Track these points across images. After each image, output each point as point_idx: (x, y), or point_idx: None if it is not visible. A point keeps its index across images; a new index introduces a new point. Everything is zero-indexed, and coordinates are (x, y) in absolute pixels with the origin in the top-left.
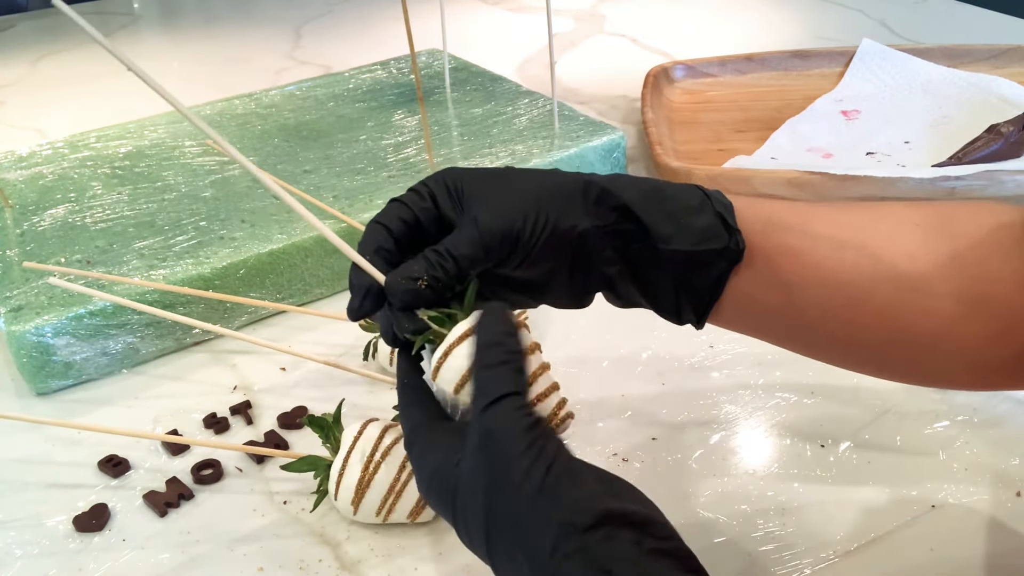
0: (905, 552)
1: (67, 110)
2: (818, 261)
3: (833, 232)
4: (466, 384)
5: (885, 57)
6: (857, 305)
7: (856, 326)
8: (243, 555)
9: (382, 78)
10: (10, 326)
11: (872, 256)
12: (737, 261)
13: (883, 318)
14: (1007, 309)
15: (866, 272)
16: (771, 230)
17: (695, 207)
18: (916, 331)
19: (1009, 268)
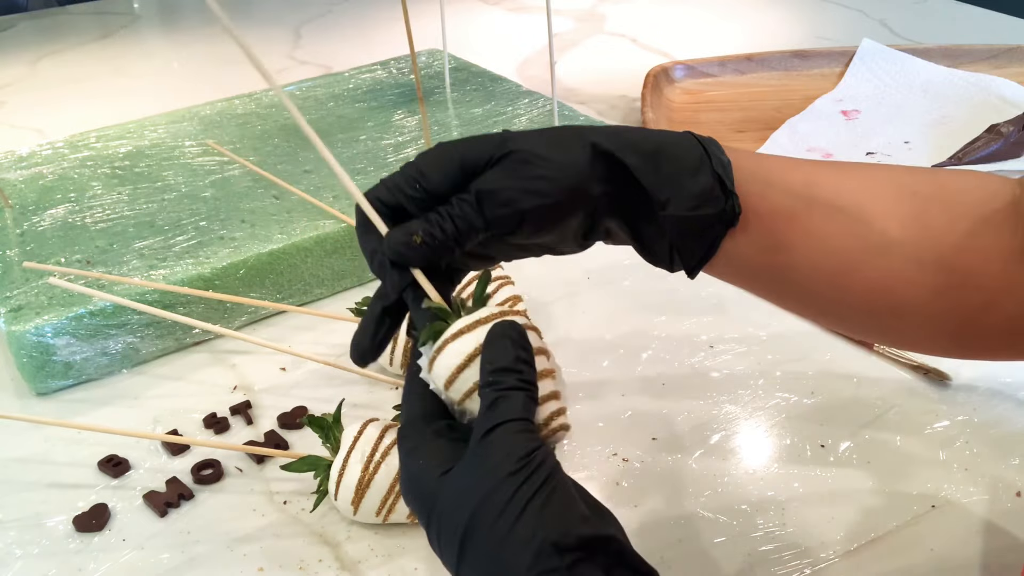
0: (905, 552)
1: (67, 110)
2: (812, 227)
3: (830, 196)
4: (455, 381)
5: (885, 57)
6: (846, 273)
7: (844, 291)
8: (243, 555)
9: (382, 78)
10: (10, 326)
11: (865, 224)
12: (732, 225)
13: (871, 286)
14: (993, 283)
15: (858, 240)
16: (769, 191)
17: (694, 167)
18: (902, 300)
19: (998, 243)
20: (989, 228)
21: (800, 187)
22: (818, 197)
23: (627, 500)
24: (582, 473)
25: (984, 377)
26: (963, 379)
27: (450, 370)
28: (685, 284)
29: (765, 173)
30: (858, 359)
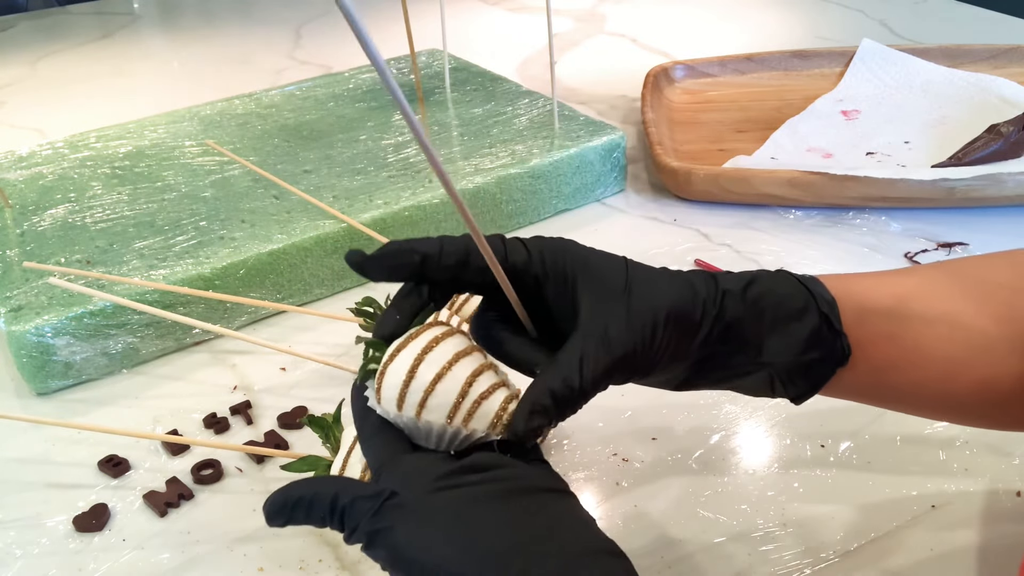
0: (905, 552)
1: (67, 110)
2: (912, 343)
3: (923, 309)
4: (405, 399)
5: (885, 57)
6: (952, 378)
7: (952, 395)
8: (243, 555)
9: None
10: (10, 326)
11: (963, 328)
12: (842, 365)
13: (977, 387)
14: None
15: (959, 346)
16: (866, 318)
17: (799, 310)
18: (1010, 392)
19: None
20: None
21: (893, 305)
22: (912, 312)
23: (627, 500)
24: (582, 473)
25: None
26: None
27: (396, 389)
28: None
29: (859, 301)
30: None
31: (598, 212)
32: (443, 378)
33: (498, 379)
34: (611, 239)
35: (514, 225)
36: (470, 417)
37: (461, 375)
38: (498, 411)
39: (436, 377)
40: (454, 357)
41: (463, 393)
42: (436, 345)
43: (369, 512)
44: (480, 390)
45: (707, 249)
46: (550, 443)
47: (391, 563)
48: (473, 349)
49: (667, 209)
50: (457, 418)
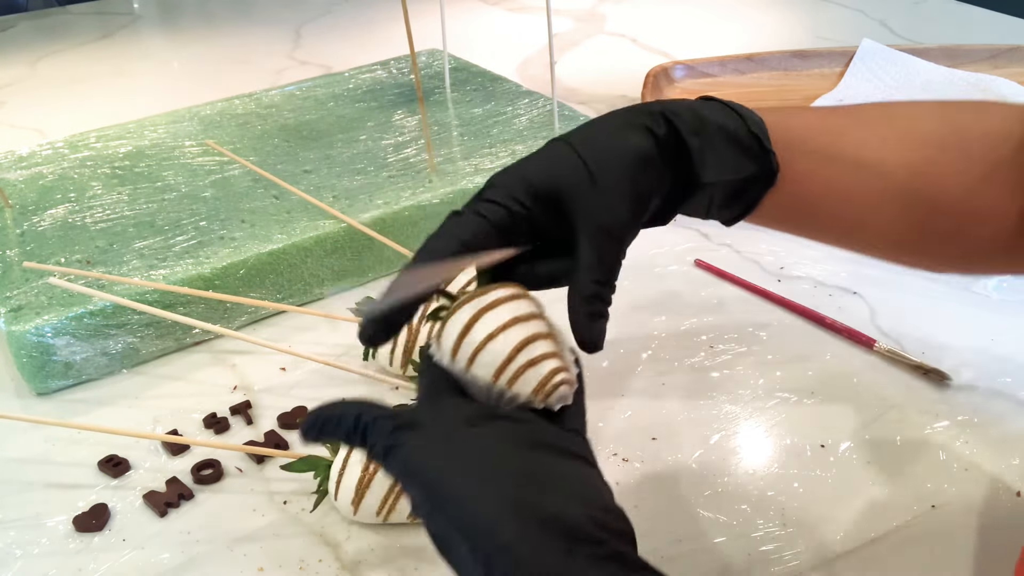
0: (905, 552)
1: (67, 110)
2: (832, 183)
3: (853, 153)
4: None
5: (885, 57)
6: (863, 220)
7: (862, 233)
8: (243, 555)
9: (382, 78)
10: (10, 326)
11: (882, 176)
12: (771, 183)
13: (888, 230)
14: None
15: (874, 193)
16: (797, 154)
17: (732, 133)
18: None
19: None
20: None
21: (824, 144)
22: (840, 154)
23: (627, 500)
24: None
25: (984, 377)
26: (963, 379)
27: (452, 339)
28: (685, 284)
29: (795, 133)
30: (858, 359)
31: None
32: (495, 338)
33: (552, 349)
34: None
35: None
36: (515, 379)
37: (514, 338)
38: (543, 379)
39: (488, 336)
40: (511, 320)
41: (511, 357)
42: (498, 305)
43: (388, 429)
44: (530, 356)
45: (707, 249)
46: None
47: (404, 475)
48: (535, 316)
49: None
50: (503, 378)
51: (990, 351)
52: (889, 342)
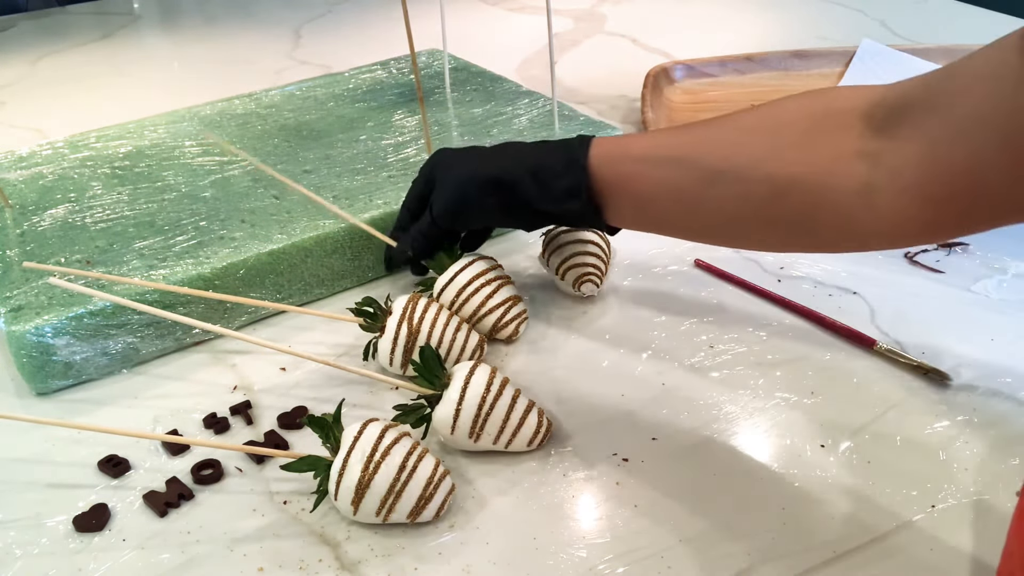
0: (905, 552)
1: (67, 110)
2: (656, 179)
3: (668, 153)
4: None
5: (885, 57)
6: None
7: (697, 218)
8: (243, 555)
9: (382, 78)
10: (10, 326)
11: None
12: (599, 214)
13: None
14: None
15: (691, 180)
16: (618, 163)
17: (559, 173)
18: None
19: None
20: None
21: (642, 152)
22: (656, 156)
23: (627, 500)
24: (582, 473)
25: (984, 377)
26: (963, 379)
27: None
28: (685, 284)
29: (616, 152)
30: (858, 359)
31: None
32: None
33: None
34: (611, 239)
35: None
36: None
37: None
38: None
39: None
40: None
41: None
42: None
43: None
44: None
45: (707, 249)
46: (550, 442)
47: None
48: (500, 278)
49: None
50: None
51: (990, 351)
52: (889, 342)
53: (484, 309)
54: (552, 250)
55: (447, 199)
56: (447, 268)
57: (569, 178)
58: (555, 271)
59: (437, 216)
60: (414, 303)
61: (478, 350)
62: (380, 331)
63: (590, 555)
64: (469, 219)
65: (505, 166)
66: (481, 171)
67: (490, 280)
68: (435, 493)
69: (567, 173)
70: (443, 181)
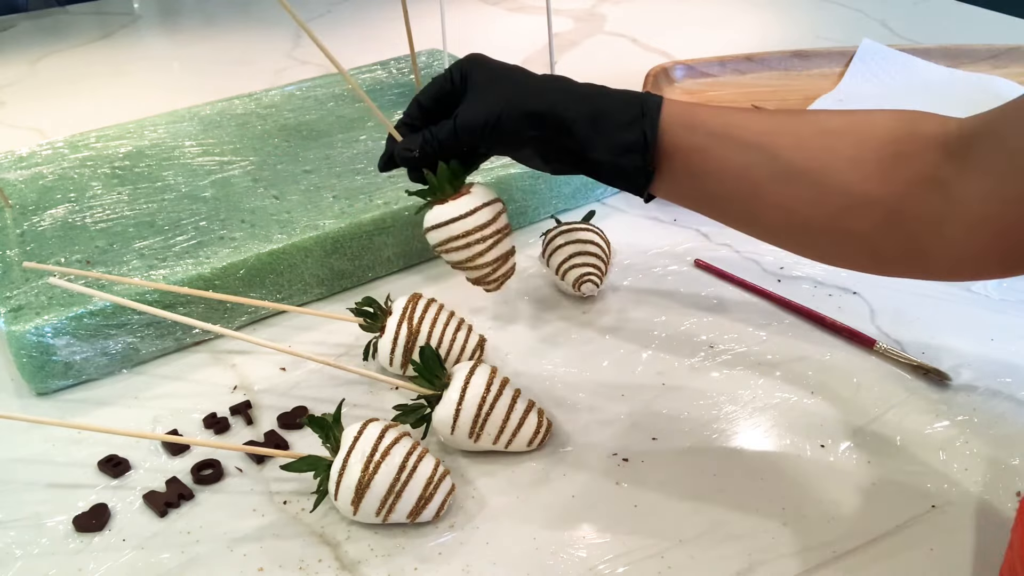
0: (905, 552)
1: (67, 110)
2: (723, 161)
3: (743, 135)
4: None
5: (885, 57)
6: (754, 197)
7: (755, 211)
8: (243, 555)
9: (382, 78)
10: (10, 326)
11: (771, 156)
12: (650, 177)
13: (778, 210)
14: (893, 205)
15: (763, 170)
16: (691, 132)
17: (625, 124)
18: (806, 219)
19: (913, 167)
20: (897, 159)
21: (718, 128)
22: (732, 136)
23: (627, 500)
24: (582, 473)
25: (984, 377)
26: (963, 379)
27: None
28: (685, 284)
29: (690, 119)
30: (858, 359)
31: (598, 212)
32: None
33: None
34: (611, 239)
35: (514, 225)
36: None
37: None
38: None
39: None
40: None
41: None
42: None
43: None
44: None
45: (707, 249)
46: (550, 442)
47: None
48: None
49: (667, 209)
50: None
51: (990, 351)
52: (889, 342)
53: (476, 263)
54: (552, 250)
55: (481, 117)
56: (447, 195)
57: (634, 132)
58: (555, 271)
59: (462, 128)
60: (414, 303)
61: (478, 350)
62: (380, 331)
63: (590, 555)
64: (498, 144)
65: (560, 102)
66: (531, 100)
67: (487, 237)
68: (435, 493)
69: (632, 127)
70: (482, 94)
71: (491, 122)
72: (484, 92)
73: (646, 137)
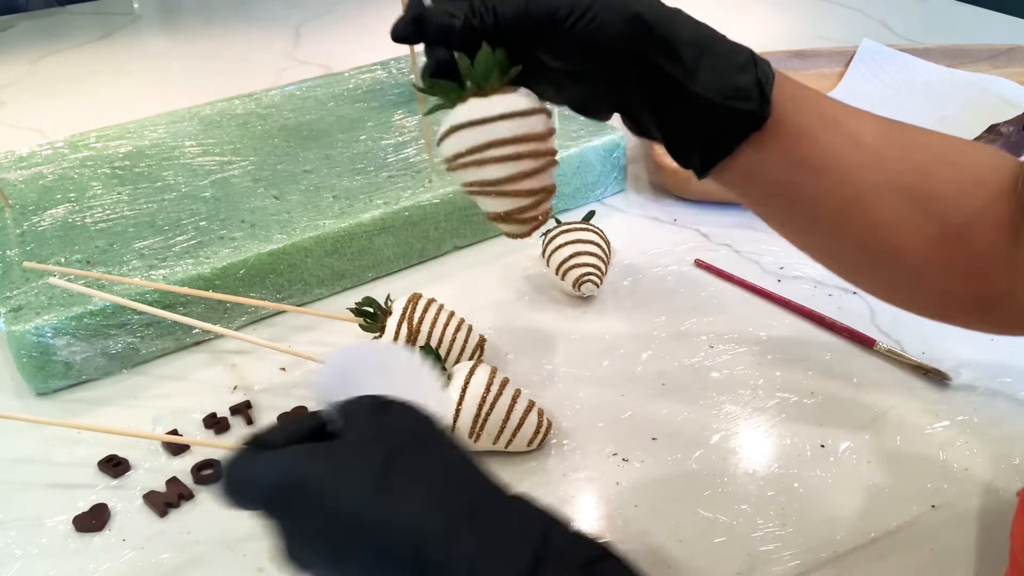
0: (905, 552)
1: (67, 110)
2: (833, 152)
3: (857, 131)
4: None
5: (885, 57)
6: (854, 205)
7: (849, 224)
8: (243, 555)
9: (382, 78)
10: (10, 326)
11: (881, 162)
12: (757, 128)
13: (874, 226)
14: (986, 247)
15: (872, 176)
16: (801, 109)
17: (740, 66)
18: (899, 246)
19: (997, 209)
20: (990, 194)
21: (830, 114)
22: (844, 126)
23: (627, 500)
24: (582, 473)
25: (984, 377)
26: (963, 379)
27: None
28: (685, 284)
29: (802, 97)
30: (858, 359)
31: (598, 212)
32: None
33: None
34: (611, 239)
35: None
36: None
37: None
38: None
39: None
40: None
41: None
42: None
43: None
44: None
45: (707, 249)
46: (550, 442)
47: None
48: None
49: (667, 209)
50: None
51: (990, 351)
52: (889, 342)
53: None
54: (552, 250)
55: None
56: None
57: (748, 76)
58: (555, 271)
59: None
60: (414, 303)
61: (478, 350)
62: (380, 331)
63: None
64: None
65: (669, 16)
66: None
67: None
68: None
69: (746, 70)
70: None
71: (579, 8)
72: None
73: (762, 85)
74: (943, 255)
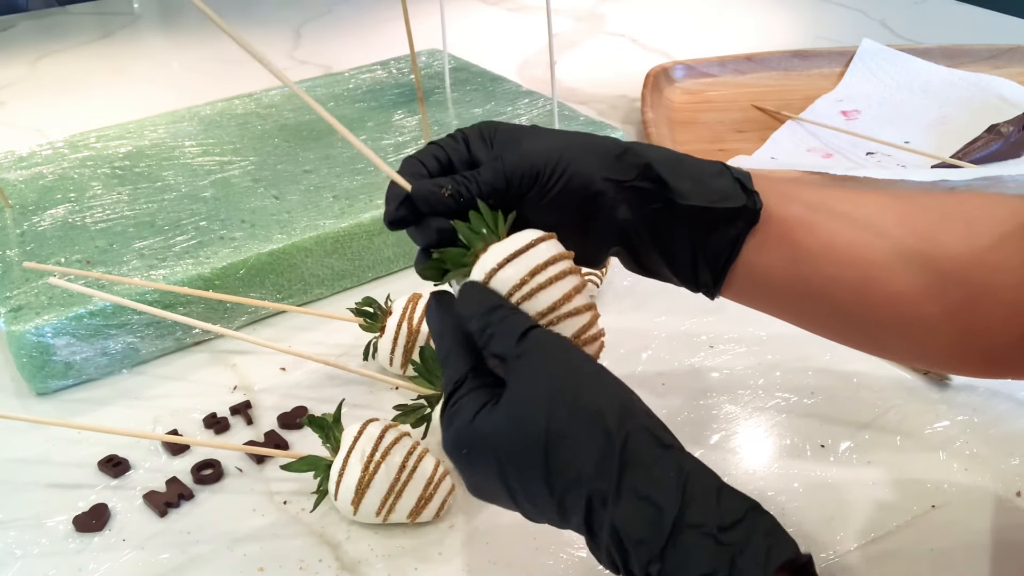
0: (905, 552)
1: (67, 110)
2: (832, 236)
3: (848, 209)
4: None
5: (885, 57)
6: (867, 284)
7: (866, 304)
8: (243, 555)
9: (382, 78)
10: (10, 326)
11: (885, 236)
12: (754, 222)
13: (892, 299)
14: (1010, 298)
15: (878, 252)
16: (788, 201)
17: (715, 172)
18: (923, 312)
19: (1017, 259)
20: (1009, 244)
21: (817, 201)
22: (836, 209)
23: None
24: None
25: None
26: (963, 379)
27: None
28: None
29: (786, 191)
30: (858, 359)
31: None
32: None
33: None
34: None
35: None
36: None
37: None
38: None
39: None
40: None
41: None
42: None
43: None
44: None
45: None
46: None
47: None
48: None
49: None
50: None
51: None
52: None
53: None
54: None
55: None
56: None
57: (725, 179)
58: None
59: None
60: (414, 303)
61: None
62: (380, 331)
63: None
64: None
65: (632, 145)
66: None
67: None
68: (435, 493)
69: (722, 175)
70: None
71: (554, 157)
72: (533, 134)
73: (742, 183)
74: (969, 314)
